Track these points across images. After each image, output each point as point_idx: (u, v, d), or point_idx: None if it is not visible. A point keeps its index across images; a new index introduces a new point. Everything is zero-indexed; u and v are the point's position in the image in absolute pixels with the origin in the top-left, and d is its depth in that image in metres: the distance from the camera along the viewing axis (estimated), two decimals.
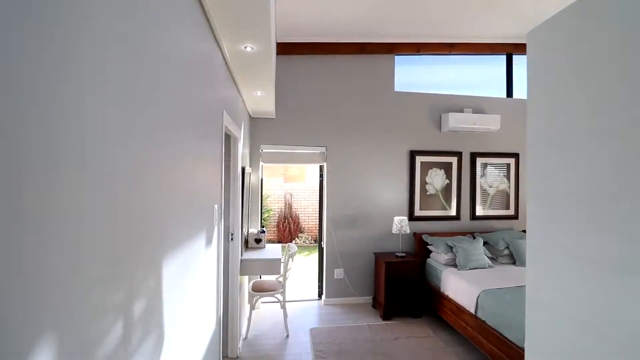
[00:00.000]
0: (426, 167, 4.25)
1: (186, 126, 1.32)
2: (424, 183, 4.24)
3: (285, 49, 3.88)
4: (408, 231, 3.82)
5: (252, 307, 3.31)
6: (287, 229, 8.21)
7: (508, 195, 4.45)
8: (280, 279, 3.53)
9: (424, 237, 4.02)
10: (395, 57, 4.27)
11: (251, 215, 3.97)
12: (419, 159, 4.22)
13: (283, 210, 8.54)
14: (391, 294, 3.83)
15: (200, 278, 1.59)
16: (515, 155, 4.45)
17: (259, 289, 3.30)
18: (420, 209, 4.23)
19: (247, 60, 2.23)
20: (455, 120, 4.08)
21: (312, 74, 4.07)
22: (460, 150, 4.33)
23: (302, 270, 5.82)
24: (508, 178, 4.45)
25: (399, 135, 4.22)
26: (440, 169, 4.28)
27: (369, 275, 4.16)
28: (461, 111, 4.20)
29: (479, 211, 4.37)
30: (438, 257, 3.77)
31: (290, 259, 3.31)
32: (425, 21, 3.63)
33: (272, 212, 8.47)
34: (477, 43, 4.28)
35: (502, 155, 4.42)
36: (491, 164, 4.41)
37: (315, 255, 7.06)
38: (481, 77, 4.77)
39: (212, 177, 1.85)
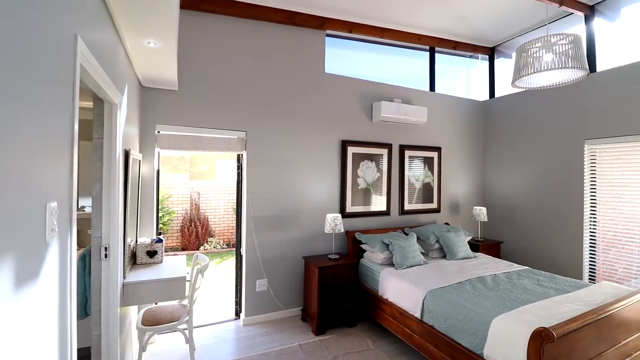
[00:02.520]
0: (358, 159, 3.89)
1: None
2: (355, 176, 3.87)
3: (193, 1, 3.00)
4: (342, 230, 3.37)
5: (143, 348, 2.36)
6: (194, 234, 7.03)
7: (432, 189, 4.44)
8: (186, 302, 2.66)
9: (357, 235, 3.64)
10: (327, 39, 3.79)
11: (142, 219, 2.95)
12: (351, 150, 3.83)
13: (189, 211, 7.29)
14: (325, 304, 3.33)
15: None
16: (438, 149, 4.47)
17: (152, 322, 2.38)
18: (352, 204, 3.85)
19: None
20: (386, 110, 3.82)
21: (229, 40, 3.26)
22: (390, 142, 4.11)
23: (213, 283, 4.88)
24: (432, 172, 4.43)
25: (330, 122, 3.75)
26: (372, 161, 3.98)
27: (298, 283, 3.57)
28: (391, 101, 3.97)
29: (407, 205, 4.24)
30: (373, 256, 3.43)
31: (200, 275, 2.48)
32: None
33: (174, 215, 7.14)
34: (407, 32, 4.12)
35: (428, 149, 4.38)
36: (418, 157, 4.32)
37: (229, 261, 6.13)
38: (407, 70, 4.68)
39: (40, 148, 0.99)
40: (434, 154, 4.44)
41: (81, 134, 2.80)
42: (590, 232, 3.66)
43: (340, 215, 3.41)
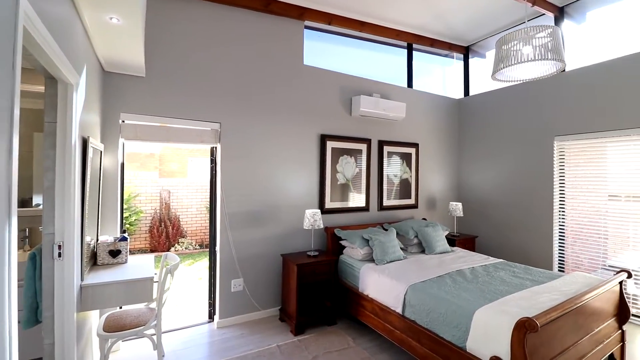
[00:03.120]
0: (337, 153, 3.81)
1: None
2: (334, 172, 3.79)
3: None
4: (321, 226, 3.28)
5: (105, 357, 2.14)
6: (164, 234, 6.67)
7: (410, 185, 4.45)
8: (154, 306, 2.46)
9: (336, 231, 3.56)
10: (306, 31, 3.68)
11: (104, 216, 2.70)
12: (330, 144, 3.74)
13: (158, 211, 6.92)
14: (304, 302, 3.21)
15: None
16: (416, 145, 4.49)
17: (115, 327, 2.16)
18: (331, 200, 3.76)
19: None
20: (366, 104, 3.77)
21: (202, 25, 3.07)
22: (369, 138, 4.07)
23: (184, 285, 4.63)
24: (410, 168, 4.45)
25: (309, 116, 3.65)
26: (351, 156, 3.92)
27: (276, 282, 3.44)
28: (370, 96, 3.93)
29: (386, 201, 4.22)
30: (353, 252, 3.36)
31: (170, 275, 2.29)
32: None
33: (143, 215, 6.75)
34: (385, 27, 4.10)
35: (406, 145, 4.39)
36: (396, 153, 4.31)
37: (201, 263, 5.86)
38: (385, 66, 4.66)
39: None
40: (412, 150, 4.46)
41: (35, 124, 2.53)
42: (560, 225, 3.80)
43: (319, 211, 3.31)
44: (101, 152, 2.53)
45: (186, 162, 8.78)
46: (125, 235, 2.54)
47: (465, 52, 4.92)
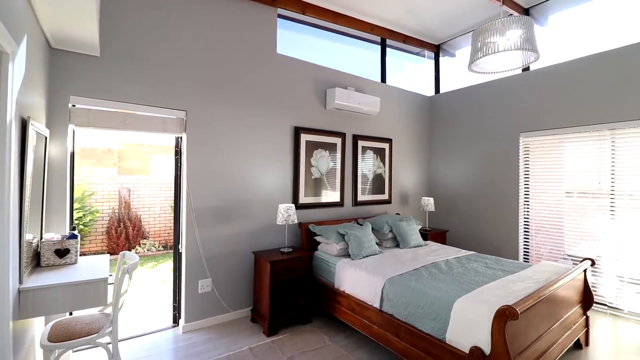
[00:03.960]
0: (312, 147, 3.69)
1: None
2: (309, 165, 3.67)
3: None
4: (296, 221, 3.15)
5: None
6: (124, 235, 6.19)
7: (384, 180, 4.44)
8: (109, 311, 2.20)
9: (310, 227, 3.44)
10: (280, 21, 3.53)
11: (50, 212, 2.39)
12: (304, 137, 3.62)
13: (117, 211, 6.41)
14: (277, 301, 3.07)
15: None
16: (389, 141, 4.49)
17: (63, 336, 1.89)
18: (305, 195, 3.64)
19: None
20: (340, 97, 3.69)
21: (169, 4, 2.82)
22: (344, 132, 4.00)
23: (147, 289, 4.29)
24: (384, 163, 4.44)
25: (282, 107, 3.50)
26: (326, 150, 3.83)
27: (247, 281, 3.25)
28: (345, 89, 3.86)
29: (360, 196, 4.17)
30: (329, 248, 3.26)
31: (127, 275, 2.05)
32: None
33: (99, 215, 6.22)
34: (360, 20, 4.06)
35: (380, 140, 4.37)
36: (370, 148, 4.28)
37: (166, 265, 5.50)
38: (359, 61, 4.63)
39: None
40: (386, 145, 4.45)
41: None
42: (524, 218, 3.95)
43: (293, 205, 3.18)
44: (46, 138, 2.23)
45: (149, 160, 8.26)
46: (75, 232, 2.25)
47: (436, 50, 5.01)
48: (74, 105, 2.49)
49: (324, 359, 2.49)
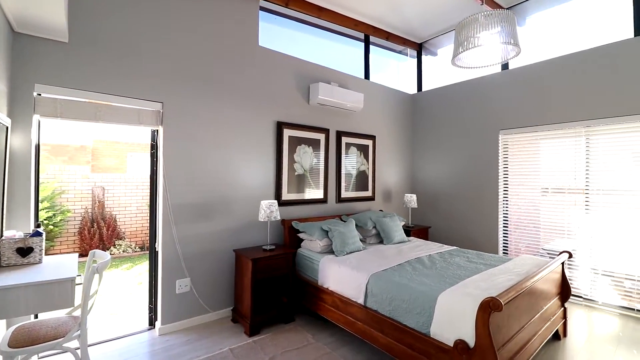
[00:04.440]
0: (294, 142, 3.63)
1: None
2: (292, 161, 3.60)
3: None
4: (278, 217, 3.07)
5: None
6: (97, 236, 5.91)
7: (367, 177, 4.42)
8: (77, 314, 2.06)
9: (293, 223, 3.37)
10: (262, 14, 3.45)
11: (12, 208, 2.22)
12: (287, 133, 3.55)
13: (90, 210, 6.12)
14: (259, 300, 2.99)
15: None
16: (373, 137, 4.48)
17: (26, 341, 1.75)
18: (288, 192, 3.57)
19: None
20: (324, 92, 3.65)
21: None
22: (327, 128, 3.96)
23: (122, 292, 4.10)
24: (367, 160, 4.42)
25: (265, 101, 3.42)
26: (309, 146, 3.77)
27: (228, 280, 3.15)
28: (329, 84, 3.82)
29: (344, 193, 4.14)
30: (312, 245, 3.21)
31: (98, 275, 1.92)
32: None
33: (71, 214, 5.91)
34: (343, 15, 4.03)
35: (363, 137, 4.36)
36: (354, 145, 4.26)
37: (142, 266, 5.28)
38: (342, 57, 4.60)
39: None
40: (369, 142, 4.44)
41: None
42: (504, 213, 4.04)
43: (276, 201, 3.10)
44: (7, 128, 2.07)
45: (125, 158, 7.95)
46: (40, 230, 2.10)
47: (419, 48, 5.06)
48: (40, 94, 2.32)
49: (307, 358, 2.43)
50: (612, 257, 3.23)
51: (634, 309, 3.10)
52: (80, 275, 1.99)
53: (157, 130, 2.85)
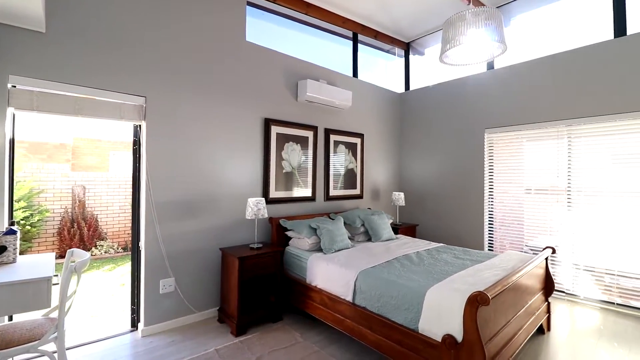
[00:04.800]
0: (282, 140, 3.59)
1: None
2: (280, 159, 3.56)
3: None
4: (266, 215, 3.03)
5: None
6: (78, 236, 5.71)
7: (355, 175, 4.42)
8: (55, 315, 1.97)
9: (281, 221, 3.33)
10: (250, 9, 3.40)
11: None
12: (275, 130, 3.51)
13: (70, 210, 5.91)
14: (246, 299, 2.94)
15: None
16: (361, 136, 4.49)
17: None
18: (276, 189, 3.53)
19: None
20: (312, 89, 3.62)
21: None
22: (316, 125, 3.93)
23: (104, 293, 3.97)
24: (355, 158, 4.42)
25: (252, 97, 3.37)
26: (297, 143, 3.73)
27: (214, 280, 3.08)
28: (317, 81, 3.80)
29: (332, 191, 4.12)
30: (300, 242, 3.18)
31: (75, 275, 1.84)
32: None
33: (49, 214, 5.70)
34: (332, 12, 4.01)
35: (352, 135, 4.35)
36: (342, 143, 4.25)
37: (125, 267, 5.13)
38: (330, 55, 4.58)
39: None
40: (357, 140, 4.44)
41: None
42: (489, 211, 4.10)
43: (263, 199, 3.06)
44: None
45: (107, 156, 7.72)
46: (14, 228, 1.99)
47: (407, 48, 5.09)
48: (14, 86, 2.22)
49: (295, 357, 2.40)
50: (592, 254, 3.31)
51: (614, 303, 3.19)
52: (57, 275, 1.90)
53: (140, 126, 2.76)
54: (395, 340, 2.09)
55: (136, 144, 2.79)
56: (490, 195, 4.09)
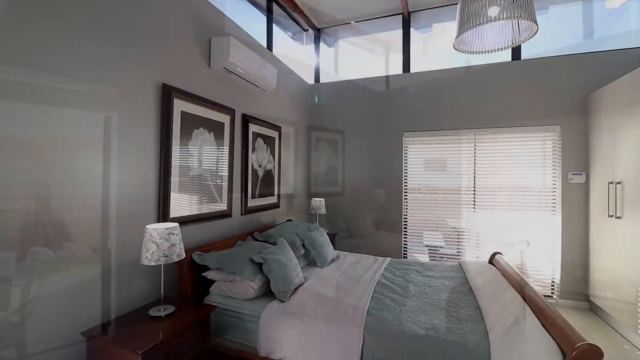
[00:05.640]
0: (190, 124, 2.25)
1: None
2: (186, 154, 2.21)
3: None
4: (183, 255, 1.71)
5: None
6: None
7: (273, 178, 3.45)
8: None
9: (196, 257, 2.05)
10: None
11: None
12: (179, 106, 2.14)
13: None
14: None
15: None
16: (279, 129, 3.54)
17: None
18: (180, 203, 2.17)
19: None
20: (237, 53, 2.45)
21: None
22: (233, 107, 2.74)
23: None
24: (273, 156, 3.45)
25: (141, 46, 1.90)
26: (210, 131, 2.46)
27: None
28: (240, 47, 2.61)
29: (250, 201, 3.02)
30: (237, 289, 2.00)
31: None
32: None
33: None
34: None
35: (270, 126, 3.35)
36: (261, 135, 3.20)
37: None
38: (239, 16, 3.40)
39: None
40: (275, 134, 3.48)
41: None
42: (404, 217, 3.98)
43: (177, 224, 1.72)
44: None
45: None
46: None
47: (318, 33, 4.47)
48: None
49: None
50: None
51: None
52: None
53: None
54: None
55: None
56: (405, 199, 3.98)
